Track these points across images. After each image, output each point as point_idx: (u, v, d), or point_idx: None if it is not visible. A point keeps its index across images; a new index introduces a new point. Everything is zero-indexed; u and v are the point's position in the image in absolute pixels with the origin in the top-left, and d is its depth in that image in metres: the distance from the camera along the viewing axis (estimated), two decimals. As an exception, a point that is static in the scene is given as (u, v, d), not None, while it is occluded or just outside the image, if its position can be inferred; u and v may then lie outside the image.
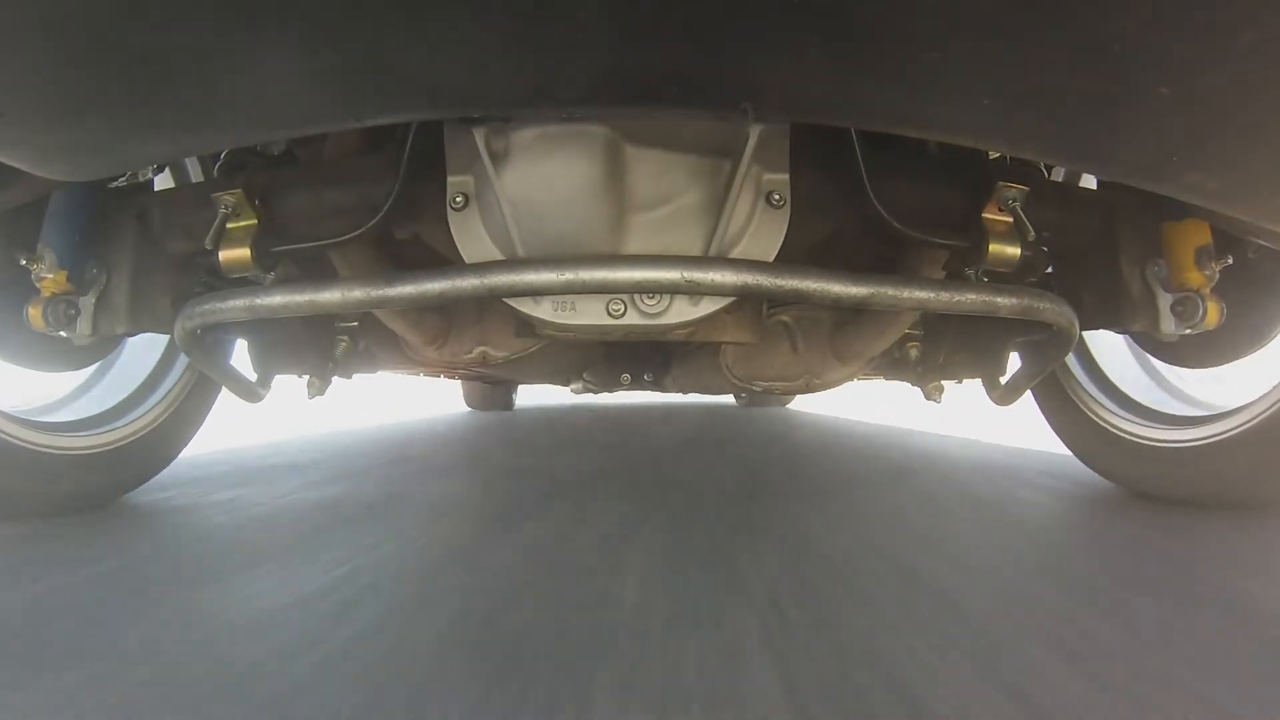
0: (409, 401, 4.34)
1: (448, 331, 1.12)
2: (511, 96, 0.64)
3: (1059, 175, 1.19)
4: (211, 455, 1.80)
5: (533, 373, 1.59)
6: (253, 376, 1.14)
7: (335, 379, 1.22)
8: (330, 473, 1.58)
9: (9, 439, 1.03)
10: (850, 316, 1.06)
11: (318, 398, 1.17)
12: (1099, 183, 1.11)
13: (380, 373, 1.52)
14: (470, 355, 1.13)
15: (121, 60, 0.52)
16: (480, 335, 1.12)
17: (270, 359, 1.15)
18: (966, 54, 0.52)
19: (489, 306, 1.12)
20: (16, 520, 1.07)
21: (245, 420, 2.56)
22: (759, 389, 1.17)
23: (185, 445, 1.39)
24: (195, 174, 1.30)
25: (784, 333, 1.09)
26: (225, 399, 1.38)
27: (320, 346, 1.16)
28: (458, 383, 3.65)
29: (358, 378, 1.30)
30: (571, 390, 1.53)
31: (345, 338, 1.17)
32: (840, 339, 1.06)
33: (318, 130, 0.70)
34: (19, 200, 0.88)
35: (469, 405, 3.99)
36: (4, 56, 0.50)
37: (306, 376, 1.17)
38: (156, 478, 1.33)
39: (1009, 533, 1.02)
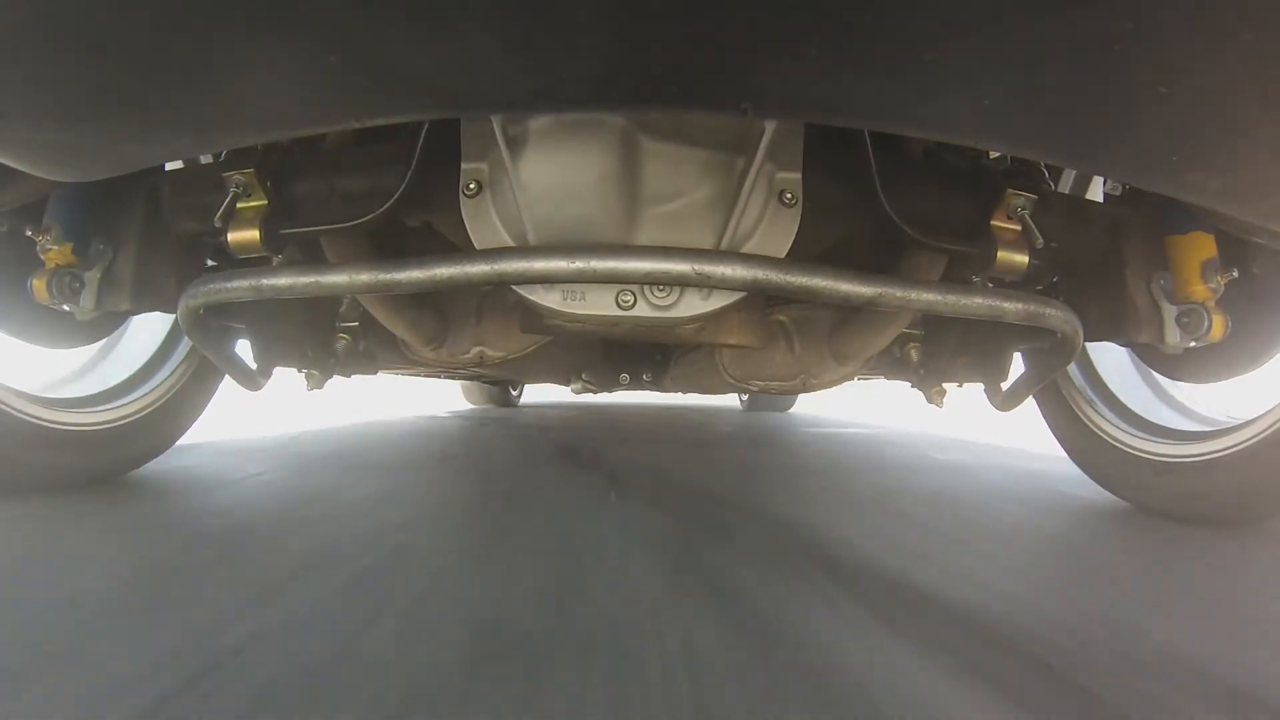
0: (402, 399, 4.33)
1: (446, 332, 1.12)
2: (512, 97, 0.65)
3: (1066, 186, 1.19)
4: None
5: (531, 373, 1.59)
6: (253, 367, 1.14)
7: (335, 377, 1.22)
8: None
9: (15, 414, 1.04)
10: (848, 316, 1.05)
11: (316, 390, 1.17)
12: (1105, 196, 1.12)
13: (380, 373, 1.52)
14: (468, 355, 1.13)
15: (122, 61, 0.52)
16: (478, 336, 1.12)
17: (271, 351, 1.15)
18: (967, 54, 0.52)
19: (488, 307, 1.12)
20: (23, 494, 1.08)
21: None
22: (755, 388, 1.17)
23: (188, 428, 1.41)
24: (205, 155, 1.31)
25: (781, 333, 1.09)
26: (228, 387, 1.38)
27: (320, 340, 1.16)
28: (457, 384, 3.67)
29: (357, 377, 1.31)
30: (571, 390, 1.53)
31: (345, 337, 1.18)
32: (837, 339, 1.06)
33: (318, 131, 0.71)
34: (19, 200, 0.88)
35: (469, 401, 4.02)
36: (4, 57, 0.51)
37: (305, 370, 1.17)
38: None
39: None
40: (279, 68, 0.55)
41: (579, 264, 0.70)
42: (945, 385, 1.16)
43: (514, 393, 4.00)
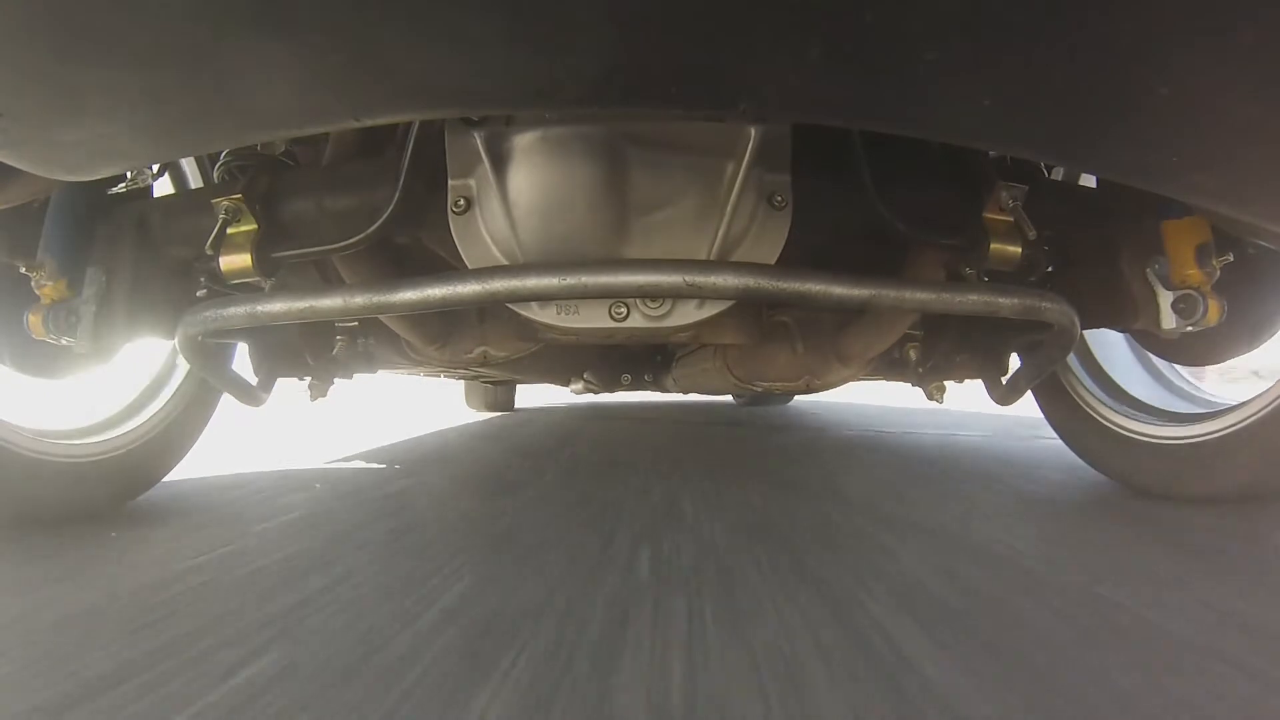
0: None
1: (448, 331, 1.12)
2: (512, 97, 0.64)
3: (1059, 174, 1.19)
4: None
5: (533, 372, 1.59)
6: (253, 380, 1.14)
7: (336, 380, 1.22)
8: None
9: (11, 447, 1.03)
10: (851, 317, 1.06)
11: (320, 399, 1.17)
12: (1099, 181, 1.11)
13: (380, 372, 1.52)
14: (471, 355, 1.13)
15: (121, 59, 0.52)
16: (481, 335, 1.12)
17: (271, 362, 1.15)
18: (966, 54, 0.52)
19: (491, 308, 1.11)
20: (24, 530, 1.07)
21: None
22: (759, 389, 1.17)
23: (189, 449, 1.39)
24: (195, 180, 1.30)
25: (784, 334, 1.09)
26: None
27: (321, 348, 1.16)
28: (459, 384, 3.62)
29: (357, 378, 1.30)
30: (572, 390, 1.54)
31: (344, 338, 1.18)
32: (841, 340, 1.06)
33: (318, 130, 0.70)
34: (18, 200, 0.88)
35: (470, 406, 3.95)
36: (4, 56, 0.50)
37: (307, 379, 1.17)
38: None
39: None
40: (279, 65, 0.54)
41: (570, 280, 0.70)
42: (945, 382, 1.17)
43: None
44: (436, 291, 0.73)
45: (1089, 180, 1.18)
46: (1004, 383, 1.08)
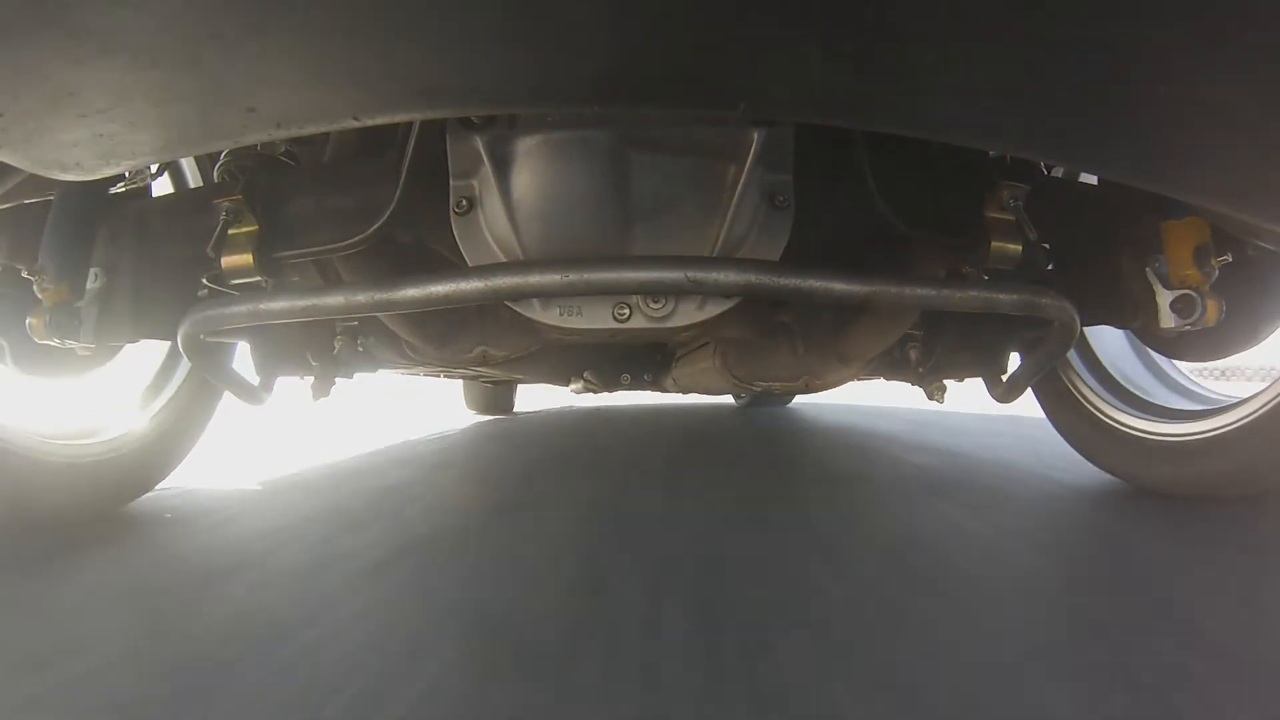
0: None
1: (448, 331, 1.12)
2: (511, 95, 0.64)
3: (1059, 172, 1.19)
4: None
5: (533, 372, 1.59)
6: (255, 380, 1.14)
7: (337, 379, 1.21)
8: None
9: (9, 447, 1.02)
10: (851, 317, 1.06)
11: (322, 399, 1.17)
12: (1100, 180, 1.11)
13: (380, 371, 1.52)
14: (470, 355, 1.13)
15: (121, 59, 0.52)
16: (481, 334, 1.12)
17: (273, 362, 1.15)
18: (966, 54, 0.52)
19: (491, 307, 1.11)
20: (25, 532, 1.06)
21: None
22: (759, 388, 1.17)
23: (189, 450, 1.39)
24: (195, 179, 1.30)
25: (784, 333, 1.09)
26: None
27: (322, 348, 1.16)
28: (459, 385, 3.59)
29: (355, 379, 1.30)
30: (572, 390, 1.54)
31: (343, 336, 1.17)
32: (841, 339, 1.06)
33: (318, 130, 0.70)
34: (18, 200, 0.88)
35: (469, 408, 3.92)
36: (4, 56, 0.50)
37: (309, 379, 1.17)
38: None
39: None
40: (279, 65, 0.54)
41: (572, 277, 0.70)
42: (945, 381, 1.17)
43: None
44: (439, 289, 0.73)
45: (1089, 177, 1.18)
46: (1004, 380, 1.08)
